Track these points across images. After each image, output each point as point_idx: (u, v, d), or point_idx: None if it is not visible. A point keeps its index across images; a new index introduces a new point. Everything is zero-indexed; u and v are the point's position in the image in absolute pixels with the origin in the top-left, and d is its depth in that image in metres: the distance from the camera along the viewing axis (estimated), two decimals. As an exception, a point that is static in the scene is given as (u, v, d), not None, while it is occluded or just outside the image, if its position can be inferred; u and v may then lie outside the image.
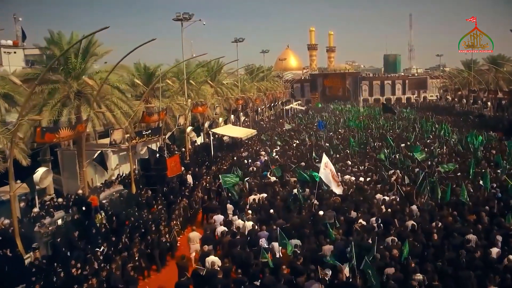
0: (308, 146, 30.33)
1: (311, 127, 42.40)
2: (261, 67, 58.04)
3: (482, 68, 53.74)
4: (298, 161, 25.22)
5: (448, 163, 21.43)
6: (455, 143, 29.07)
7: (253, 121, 47.88)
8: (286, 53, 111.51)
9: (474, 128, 37.69)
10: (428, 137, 32.83)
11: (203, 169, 22.95)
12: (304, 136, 34.93)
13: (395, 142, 30.28)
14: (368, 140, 31.46)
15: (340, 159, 24.94)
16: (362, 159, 25.15)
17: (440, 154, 25.39)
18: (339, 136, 35.54)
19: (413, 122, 43.77)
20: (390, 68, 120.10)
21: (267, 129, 43.95)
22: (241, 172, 23.13)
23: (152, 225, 13.79)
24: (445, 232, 12.80)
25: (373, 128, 38.53)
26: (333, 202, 16.42)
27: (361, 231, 13.29)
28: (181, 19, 28.50)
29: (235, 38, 42.35)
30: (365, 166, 23.19)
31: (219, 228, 14.38)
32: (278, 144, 32.87)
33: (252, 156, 28.65)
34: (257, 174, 22.96)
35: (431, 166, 22.11)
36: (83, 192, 16.50)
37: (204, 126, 30.69)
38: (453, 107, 60.61)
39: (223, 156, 28.06)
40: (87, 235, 13.16)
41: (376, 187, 18.52)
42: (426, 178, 16.97)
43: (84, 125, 15.34)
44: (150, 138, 21.87)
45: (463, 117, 47.19)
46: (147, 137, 21.12)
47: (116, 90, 18.91)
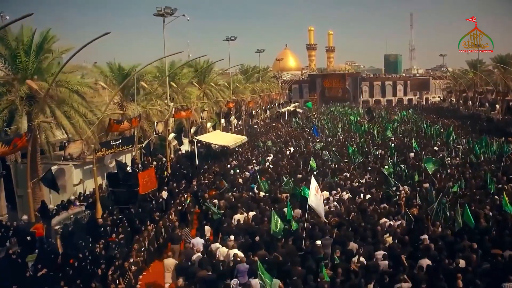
0: (305, 153, 27.55)
1: (309, 132, 39.62)
2: (256, 67, 55.15)
3: (488, 68, 50.99)
4: (292, 172, 22.51)
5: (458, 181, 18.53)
6: (465, 151, 26.22)
7: (247, 125, 45.16)
8: (285, 53, 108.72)
9: (483, 133, 34.99)
10: (435, 143, 30.03)
11: (183, 184, 20.13)
12: (301, 143, 32.13)
13: (399, 149, 27.56)
14: (369, 147, 28.71)
15: (338, 171, 22.24)
16: (363, 170, 22.41)
17: (451, 165, 22.66)
18: (338, 142, 32.73)
19: (416, 126, 41.02)
20: (391, 69, 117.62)
21: (261, 133, 41.16)
22: (228, 184, 20.49)
23: (103, 266, 11.01)
24: (471, 275, 10.05)
25: (375, 133, 35.66)
26: (329, 226, 13.72)
27: (361, 271, 10.59)
28: (162, 14, 25.74)
29: (226, 37, 39.63)
30: (365, 179, 20.48)
31: (196, 256, 11.85)
32: (272, 151, 30.14)
33: (243, 165, 25.96)
34: (245, 187, 20.25)
35: (442, 180, 19.37)
36: (29, 217, 13.72)
37: (190, 132, 27.87)
38: (458, 110, 57.83)
39: (209, 166, 25.32)
40: (18, 280, 10.40)
41: (380, 207, 15.79)
42: (440, 202, 14.12)
43: (24, 139, 12.56)
44: (122, 149, 19.13)
45: (470, 121, 44.35)
46: (117, 148, 18.37)
47: (76, 95, 16.11)
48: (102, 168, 18.66)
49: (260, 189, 19.09)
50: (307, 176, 21.30)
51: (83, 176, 17.94)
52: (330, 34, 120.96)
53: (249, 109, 47.48)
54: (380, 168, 21.79)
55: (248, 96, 45.76)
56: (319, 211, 12.99)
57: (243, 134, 40.57)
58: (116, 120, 18.21)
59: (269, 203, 16.99)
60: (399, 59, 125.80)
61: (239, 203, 17.21)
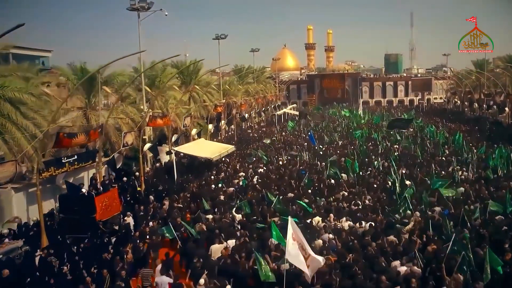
0: (299, 167, 24.47)
1: (305, 138, 36.60)
2: (250, 68, 51.99)
3: (498, 69, 48.06)
4: (283, 188, 19.58)
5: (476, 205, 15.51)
6: (478, 162, 23.19)
7: (239, 129, 42.19)
8: (283, 52, 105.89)
9: (494, 139, 32.06)
10: (443, 153, 26.99)
11: (153, 206, 17.12)
12: (298, 152, 28.94)
13: (402, 161, 24.60)
14: (370, 158, 25.71)
15: (336, 187, 19.33)
16: (363, 186, 19.46)
17: (464, 181, 19.70)
18: (337, 150, 29.69)
19: (420, 131, 38.06)
20: (392, 68, 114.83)
21: (254, 139, 38.12)
22: (208, 202, 17.60)
23: None
24: None
25: (377, 140, 32.67)
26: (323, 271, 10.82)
27: None
28: (137, 8, 22.80)
29: (216, 35, 36.66)
30: (368, 199, 17.54)
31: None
32: (264, 161, 27.16)
33: (228, 178, 23.02)
34: (227, 206, 17.29)
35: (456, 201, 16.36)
36: None
37: (170, 141, 24.82)
38: (463, 112, 54.85)
39: (190, 180, 22.36)
40: None
41: (386, 240, 12.84)
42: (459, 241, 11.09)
43: None
44: (78, 166, 16.17)
45: (478, 124, 41.36)
46: (71, 165, 15.40)
47: (8, 104, 13.12)
48: (54, 189, 15.70)
49: (241, 211, 16.24)
50: (300, 194, 18.45)
51: (27, 201, 14.90)
52: (330, 33, 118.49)
53: (242, 113, 44.51)
54: (384, 184, 18.84)
55: (240, 98, 42.67)
56: (299, 262, 10.02)
57: (235, 139, 37.69)
58: (67, 133, 15.17)
59: (252, 231, 14.12)
60: (400, 58, 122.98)
61: (217, 229, 14.43)
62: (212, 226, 15.09)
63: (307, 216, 15.37)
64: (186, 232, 14.27)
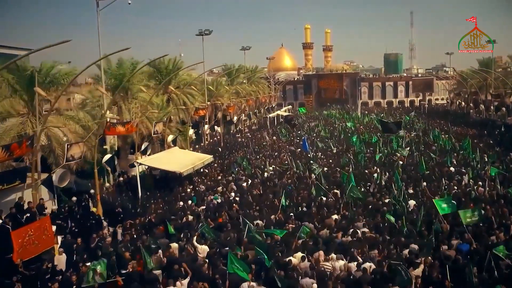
0: (288, 180, 21.12)
1: (298, 143, 33.22)
2: (241, 68, 48.57)
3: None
4: (263, 212, 16.22)
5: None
6: (497, 179, 19.53)
7: (227, 134, 38.86)
8: (281, 52, 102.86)
9: (506, 145, 28.88)
10: (450, 162, 23.62)
11: (105, 233, 13.80)
12: (288, 161, 25.53)
13: (405, 172, 21.34)
14: (369, 169, 22.40)
15: (326, 210, 15.97)
16: (362, 208, 16.13)
17: (480, 199, 16.36)
18: (330, 160, 26.33)
19: (424, 136, 34.78)
20: (391, 68, 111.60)
21: (241, 145, 34.74)
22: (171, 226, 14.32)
23: None
24: None
25: (377, 146, 29.30)
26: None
27: None
28: (95, -4, 19.59)
29: (199, 30, 33.38)
30: (365, 227, 14.13)
31: None
32: (247, 172, 23.89)
33: (204, 193, 19.76)
34: (193, 231, 13.90)
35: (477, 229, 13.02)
36: None
37: (136, 151, 21.48)
38: (468, 114, 51.53)
39: (156, 197, 19.07)
40: None
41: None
42: None
43: None
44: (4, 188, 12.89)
45: (486, 129, 38.04)
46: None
47: None
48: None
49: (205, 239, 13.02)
50: (284, 218, 15.18)
51: None
52: (328, 33, 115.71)
53: (231, 115, 41.20)
54: (383, 209, 15.45)
55: (228, 100, 39.29)
56: None
57: (221, 145, 34.39)
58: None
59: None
60: (400, 58, 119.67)
61: (176, 263, 11.27)
62: (172, 258, 11.87)
63: (288, 252, 12.06)
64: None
